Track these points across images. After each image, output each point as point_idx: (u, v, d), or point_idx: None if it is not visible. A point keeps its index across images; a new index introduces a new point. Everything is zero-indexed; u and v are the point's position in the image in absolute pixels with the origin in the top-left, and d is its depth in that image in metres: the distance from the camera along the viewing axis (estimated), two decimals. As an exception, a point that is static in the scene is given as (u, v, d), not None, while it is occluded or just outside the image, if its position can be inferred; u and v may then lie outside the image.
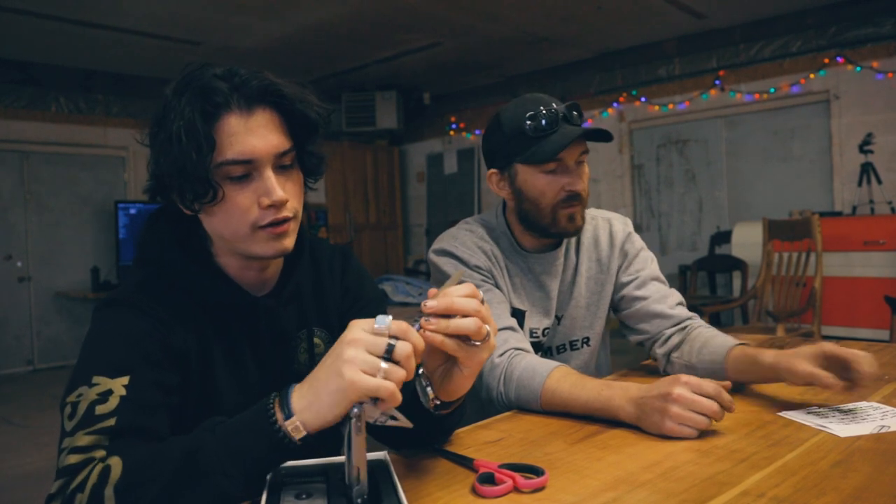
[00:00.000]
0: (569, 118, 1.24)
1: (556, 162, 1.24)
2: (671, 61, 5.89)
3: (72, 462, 0.71)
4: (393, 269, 7.69)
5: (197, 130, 0.79)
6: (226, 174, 0.82)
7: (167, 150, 0.81)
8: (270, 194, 0.83)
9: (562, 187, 1.26)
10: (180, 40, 5.30)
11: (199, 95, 0.81)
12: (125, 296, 0.85)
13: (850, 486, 0.72)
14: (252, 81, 0.83)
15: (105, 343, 0.82)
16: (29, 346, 5.73)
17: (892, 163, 4.76)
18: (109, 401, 0.75)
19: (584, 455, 0.87)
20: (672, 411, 0.89)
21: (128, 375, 0.77)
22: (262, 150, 0.83)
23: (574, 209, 1.28)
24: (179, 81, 0.83)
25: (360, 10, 4.82)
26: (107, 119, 6.13)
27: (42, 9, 4.45)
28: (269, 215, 0.84)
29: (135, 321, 0.83)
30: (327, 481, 0.73)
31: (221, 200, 0.83)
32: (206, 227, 0.89)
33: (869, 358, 0.99)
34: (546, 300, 1.36)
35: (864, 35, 4.88)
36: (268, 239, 0.85)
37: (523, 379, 1.11)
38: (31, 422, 4.04)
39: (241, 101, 0.82)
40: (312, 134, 0.90)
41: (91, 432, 0.73)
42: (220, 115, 0.81)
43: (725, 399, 0.90)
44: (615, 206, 6.21)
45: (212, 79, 0.82)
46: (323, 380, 0.68)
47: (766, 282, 3.73)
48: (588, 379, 1.06)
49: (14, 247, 5.66)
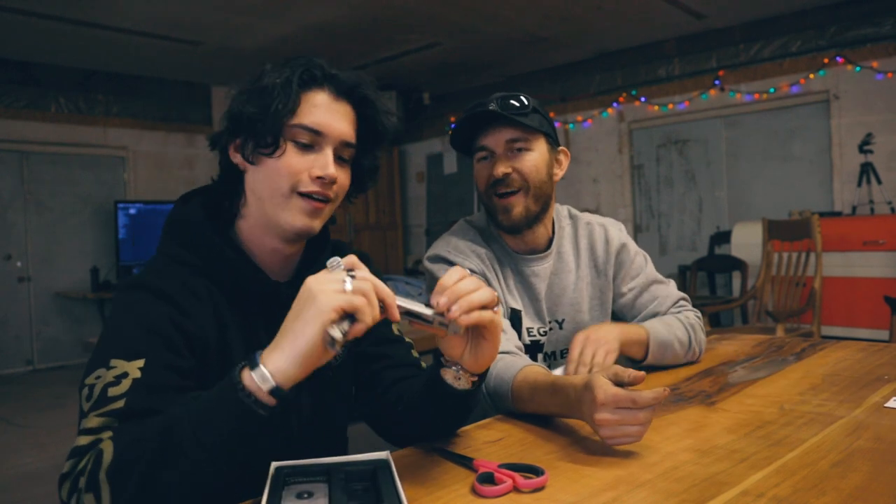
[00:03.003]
0: (502, 109, 1.26)
1: (484, 150, 1.29)
2: (671, 61, 5.89)
3: (81, 443, 0.73)
4: (392, 269, 7.68)
5: (290, 88, 0.88)
6: (293, 136, 0.89)
7: (257, 97, 0.88)
8: (325, 168, 0.89)
9: (488, 174, 1.29)
10: (180, 40, 5.30)
11: (301, 66, 0.90)
12: (147, 279, 0.87)
13: (850, 486, 0.72)
14: (346, 76, 0.93)
15: (123, 326, 0.84)
16: (28, 346, 5.73)
17: (892, 163, 4.76)
18: (122, 383, 0.77)
19: (583, 455, 0.87)
20: (602, 434, 0.86)
21: (143, 358, 0.79)
22: (334, 130, 0.91)
23: (507, 200, 1.28)
24: (285, 59, 0.92)
25: (359, 11, 4.82)
26: (107, 119, 6.13)
27: (42, 9, 4.45)
28: (315, 186, 0.89)
29: (153, 305, 0.84)
30: (329, 481, 0.73)
31: (279, 156, 0.88)
32: (247, 186, 0.93)
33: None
34: (535, 301, 1.37)
35: (864, 35, 4.88)
36: (301, 209, 0.90)
37: (497, 389, 1.11)
38: (31, 422, 4.04)
39: (333, 87, 0.92)
40: (379, 141, 0.98)
41: (101, 414, 0.75)
42: (312, 86, 0.90)
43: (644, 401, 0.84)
44: (615, 206, 6.21)
45: (315, 58, 0.92)
46: (293, 318, 0.70)
47: (766, 282, 3.73)
48: (541, 380, 1.03)
49: (14, 247, 5.66)
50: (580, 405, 0.90)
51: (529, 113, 1.27)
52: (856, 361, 1.34)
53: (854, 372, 1.25)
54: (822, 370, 1.28)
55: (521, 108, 1.26)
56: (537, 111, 1.29)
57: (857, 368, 1.28)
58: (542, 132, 1.30)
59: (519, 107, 1.26)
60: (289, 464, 0.76)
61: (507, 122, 1.26)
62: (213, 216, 0.94)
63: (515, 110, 1.26)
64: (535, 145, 1.29)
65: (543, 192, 1.31)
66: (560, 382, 0.97)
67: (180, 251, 0.91)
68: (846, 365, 1.31)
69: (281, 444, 0.88)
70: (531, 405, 1.03)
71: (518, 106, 1.26)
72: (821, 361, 1.36)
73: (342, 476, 0.74)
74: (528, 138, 1.28)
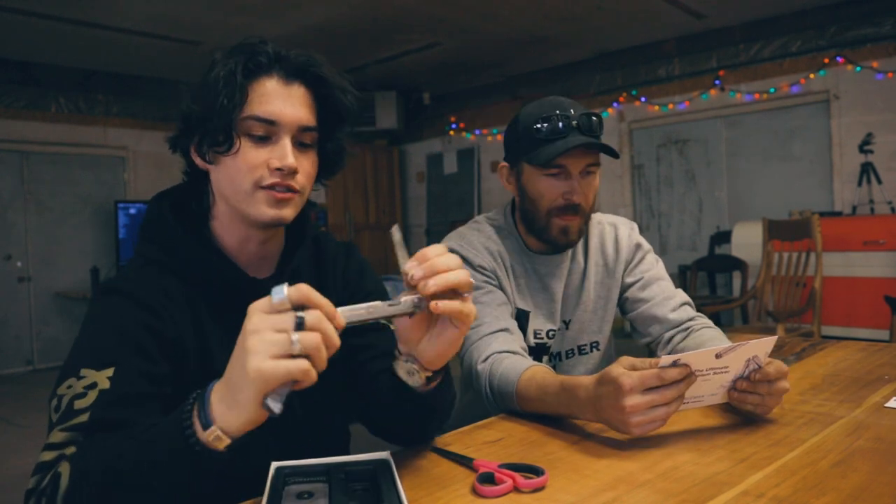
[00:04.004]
0: (583, 127, 1.22)
1: (559, 168, 1.24)
2: (671, 61, 5.89)
3: (45, 459, 0.72)
4: (392, 269, 7.67)
5: (234, 80, 0.83)
6: (247, 129, 0.85)
7: (203, 94, 0.85)
8: (283, 158, 0.85)
9: (560, 194, 1.25)
10: (180, 40, 5.30)
11: (245, 54, 0.86)
12: (120, 284, 0.86)
13: (850, 486, 0.72)
14: (296, 56, 0.88)
15: (95, 333, 0.82)
16: (28, 346, 5.73)
17: (892, 163, 4.76)
18: (88, 395, 0.75)
19: (583, 455, 0.87)
20: (633, 422, 0.84)
21: (113, 367, 0.77)
22: (289, 116, 0.86)
23: (568, 221, 1.26)
24: (232, 46, 0.88)
25: (359, 11, 4.82)
26: (107, 119, 6.13)
27: (42, 9, 4.45)
28: (275, 178, 0.85)
29: (126, 310, 0.83)
30: (329, 481, 0.73)
31: (235, 153, 0.85)
32: (213, 186, 0.91)
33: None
34: (550, 302, 1.35)
35: (864, 35, 4.88)
36: (267, 201, 0.86)
37: (501, 387, 1.10)
38: (31, 422, 4.03)
39: (282, 71, 0.87)
40: (341, 121, 0.93)
41: (65, 428, 0.73)
42: (259, 74, 0.86)
43: (671, 376, 0.83)
44: (615, 206, 6.21)
45: (260, 44, 0.87)
46: (235, 378, 0.62)
47: (766, 282, 3.73)
48: (549, 380, 1.01)
49: (14, 247, 5.66)
50: (597, 401, 0.88)
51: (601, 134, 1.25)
52: (856, 361, 1.34)
53: (854, 372, 1.25)
54: (823, 370, 1.28)
55: (600, 128, 1.24)
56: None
57: (857, 368, 1.28)
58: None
59: (600, 127, 1.24)
60: (289, 464, 0.76)
61: (592, 146, 1.22)
62: (185, 218, 0.92)
63: (598, 133, 1.23)
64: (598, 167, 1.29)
65: (592, 211, 1.32)
66: (570, 382, 0.95)
67: (155, 253, 0.89)
68: (846, 365, 1.31)
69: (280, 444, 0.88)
70: (537, 405, 1.02)
71: (598, 126, 1.24)
72: (821, 361, 1.36)
73: (342, 476, 0.73)
74: (599, 163, 1.27)
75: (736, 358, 0.89)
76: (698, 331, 1.28)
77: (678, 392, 0.84)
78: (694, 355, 0.85)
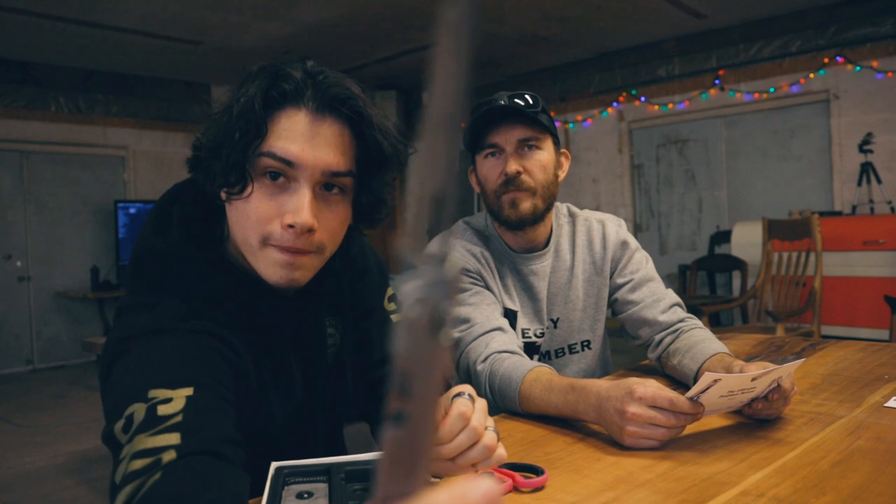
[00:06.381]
0: (513, 107, 1.24)
1: (493, 147, 1.27)
2: (671, 61, 5.89)
3: (135, 468, 0.60)
4: (392, 269, 7.67)
5: (252, 112, 0.70)
6: (263, 169, 0.72)
7: (216, 123, 0.73)
8: (297, 213, 0.71)
9: (500, 172, 1.27)
10: (180, 40, 5.30)
11: (270, 78, 0.72)
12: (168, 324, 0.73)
13: (849, 486, 0.72)
14: (333, 86, 0.74)
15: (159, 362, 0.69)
16: (28, 345, 5.73)
17: (891, 162, 4.76)
18: (174, 401, 0.64)
19: (583, 455, 0.87)
20: (628, 430, 0.86)
21: (192, 386, 0.66)
22: (311, 160, 0.72)
23: (513, 194, 1.27)
24: (263, 65, 0.75)
25: (359, 10, 4.82)
26: (106, 119, 6.13)
27: (42, 9, 4.45)
28: (285, 236, 0.72)
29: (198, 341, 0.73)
30: (329, 481, 0.73)
31: (246, 197, 0.72)
32: (228, 218, 0.78)
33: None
34: (535, 301, 1.35)
35: (863, 35, 4.88)
36: (275, 262, 0.74)
37: (503, 387, 1.10)
38: (31, 422, 4.04)
39: (314, 102, 0.73)
40: (380, 168, 0.78)
41: (156, 433, 0.62)
42: (284, 105, 0.73)
43: (682, 407, 0.85)
44: (615, 206, 6.21)
45: (292, 66, 0.74)
46: None
47: (766, 282, 3.73)
48: (556, 380, 1.02)
49: (14, 246, 5.66)
50: (605, 401, 0.89)
51: (539, 112, 1.26)
52: (856, 361, 1.34)
53: (854, 372, 1.25)
54: (822, 370, 1.28)
55: (532, 106, 1.25)
56: (545, 111, 1.28)
57: (857, 368, 1.28)
58: (550, 132, 1.29)
59: (530, 105, 1.25)
60: (289, 464, 0.76)
61: (520, 120, 1.24)
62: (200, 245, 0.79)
63: (528, 108, 1.24)
64: (544, 144, 1.28)
65: (550, 192, 1.30)
66: (581, 383, 0.97)
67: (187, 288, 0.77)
68: (846, 365, 1.31)
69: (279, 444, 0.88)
70: (540, 405, 1.03)
71: (529, 104, 1.25)
72: (821, 361, 1.36)
73: (342, 476, 0.73)
74: (538, 137, 1.27)
75: (767, 379, 0.90)
76: (688, 332, 1.28)
77: (681, 423, 0.86)
78: (734, 378, 0.86)
